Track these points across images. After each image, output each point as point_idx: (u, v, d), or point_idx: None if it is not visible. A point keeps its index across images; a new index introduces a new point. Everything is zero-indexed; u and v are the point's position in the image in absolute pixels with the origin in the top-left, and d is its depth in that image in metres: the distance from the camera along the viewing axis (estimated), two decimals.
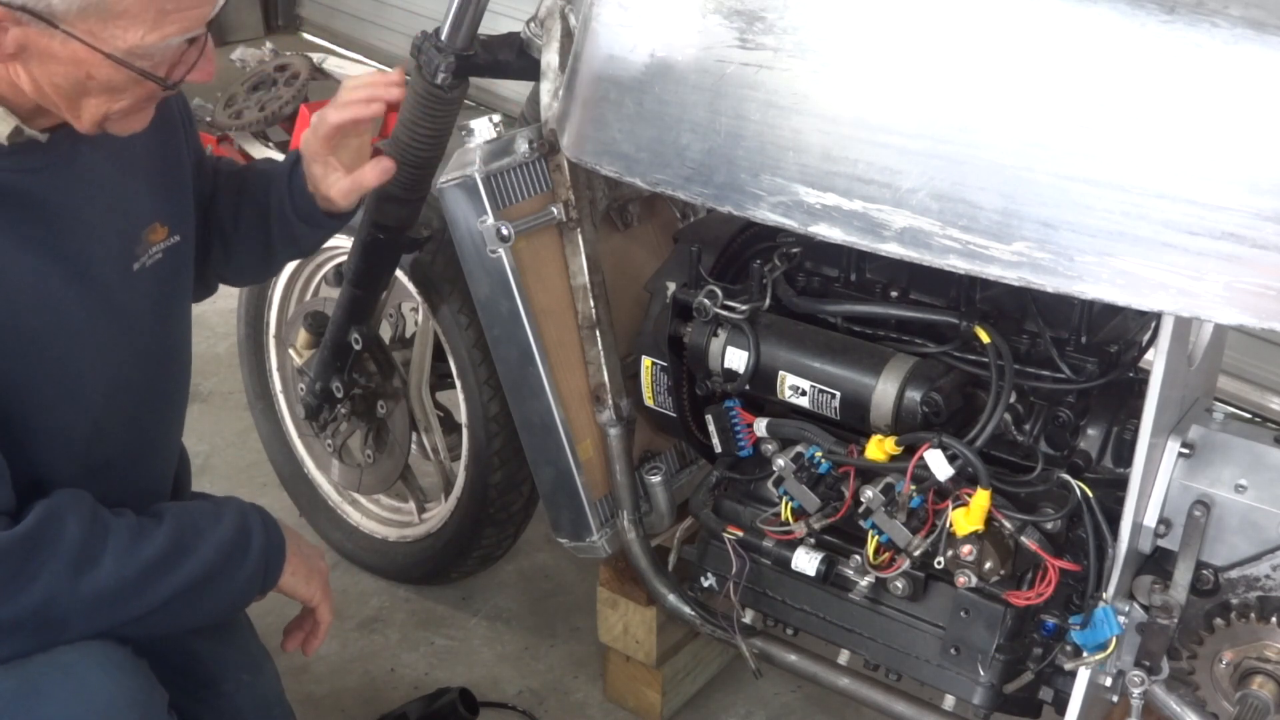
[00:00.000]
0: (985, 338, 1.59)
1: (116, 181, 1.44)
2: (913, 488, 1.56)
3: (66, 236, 1.37)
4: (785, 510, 1.70)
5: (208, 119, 3.85)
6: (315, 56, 3.90)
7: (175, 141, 1.56)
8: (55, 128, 1.36)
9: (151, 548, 1.35)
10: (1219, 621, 1.50)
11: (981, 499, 1.51)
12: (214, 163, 1.73)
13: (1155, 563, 1.56)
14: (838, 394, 1.66)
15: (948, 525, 1.54)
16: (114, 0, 1.23)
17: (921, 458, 1.55)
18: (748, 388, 1.75)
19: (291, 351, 2.41)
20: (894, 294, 1.73)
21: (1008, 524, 1.53)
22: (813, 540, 1.70)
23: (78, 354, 1.39)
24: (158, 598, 1.35)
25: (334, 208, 1.64)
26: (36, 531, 1.28)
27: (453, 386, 2.17)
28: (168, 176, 1.53)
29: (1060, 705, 1.61)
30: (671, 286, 1.82)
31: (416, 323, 2.29)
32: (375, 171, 1.61)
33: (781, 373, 1.71)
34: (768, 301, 1.75)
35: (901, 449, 1.60)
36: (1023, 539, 1.53)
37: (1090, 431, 1.60)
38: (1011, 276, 1.35)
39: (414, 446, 2.32)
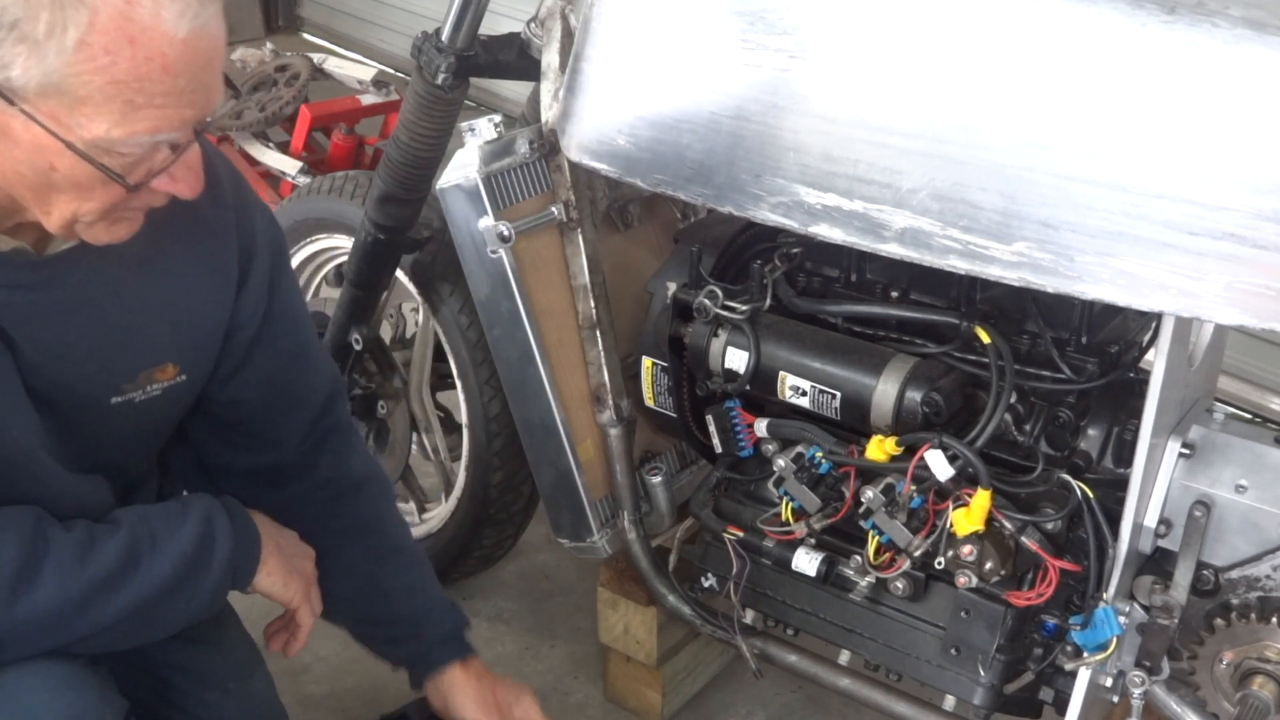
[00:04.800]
0: (986, 338, 1.59)
1: (129, 319, 1.34)
2: (913, 488, 1.56)
3: (36, 362, 1.28)
4: (786, 510, 1.70)
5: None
6: (316, 57, 3.90)
7: (223, 286, 1.42)
8: (53, 249, 1.27)
9: (98, 565, 1.27)
10: (1219, 622, 1.50)
11: (982, 499, 1.51)
12: (312, 383, 1.57)
13: (1156, 563, 1.56)
14: (838, 394, 1.66)
15: (948, 525, 1.54)
16: (79, 83, 1.09)
17: (922, 458, 1.55)
18: (748, 388, 1.75)
19: None
20: (894, 294, 1.73)
21: (1008, 524, 1.53)
22: (813, 540, 1.70)
23: (26, 475, 1.30)
24: (106, 616, 1.28)
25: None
26: None
27: (453, 387, 2.17)
28: (200, 320, 1.42)
29: (1060, 705, 1.61)
30: (672, 287, 1.82)
31: (417, 323, 2.30)
32: None
33: (782, 373, 1.71)
34: (768, 302, 1.75)
35: (902, 449, 1.60)
36: (1023, 539, 1.53)
37: (1091, 432, 1.60)
38: (1012, 277, 1.35)
39: (414, 447, 2.32)
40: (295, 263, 2.38)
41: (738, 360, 1.74)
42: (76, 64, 1.08)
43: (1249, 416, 2.99)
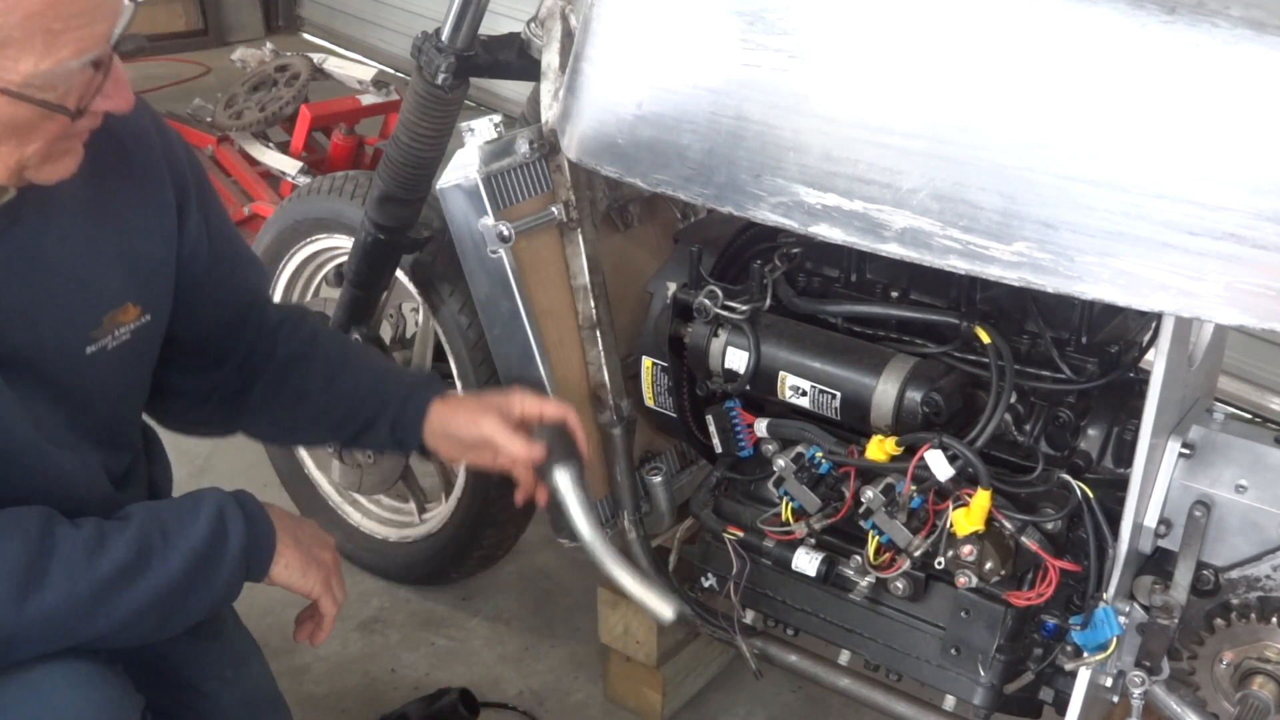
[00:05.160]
0: (986, 338, 1.59)
1: (75, 263, 1.33)
2: (913, 488, 1.56)
3: (5, 326, 1.27)
4: (786, 511, 1.70)
5: (208, 119, 3.86)
6: (315, 57, 3.90)
7: (163, 214, 1.44)
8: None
9: (108, 563, 1.26)
10: (1219, 622, 1.50)
11: (982, 499, 1.51)
12: (255, 277, 1.64)
13: (1156, 563, 1.56)
14: (838, 394, 1.66)
15: (948, 525, 1.54)
16: None
17: (922, 458, 1.55)
18: (748, 388, 1.75)
19: None
20: (894, 294, 1.73)
21: (1008, 524, 1.53)
22: (813, 540, 1.70)
23: (14, 444, 1.30)
24: (118, 614, 1.28)
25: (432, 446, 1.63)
26: None
27: (453, 387, 2.17)
28: (148, 253, 1.41)
29: (1060, 706, 1.61)
30: (672, 287, 1.82)
31: (417, 323, 2.30)
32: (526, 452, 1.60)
33: (782, 373, 1.71)
34: (768, 302, 1.75)
35: (902, 449, 1.60)
36: (1023, 539, 1.53)
37: (1091, 432, 1.60)
38: (1012, 277, 1.35)
39: None
40: (295, 263, 2.39)
41: (738, 360, 1.74)
42: None
43: (1249, 416, 2.99)
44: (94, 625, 1.27)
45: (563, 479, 1.59)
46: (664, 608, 1.64)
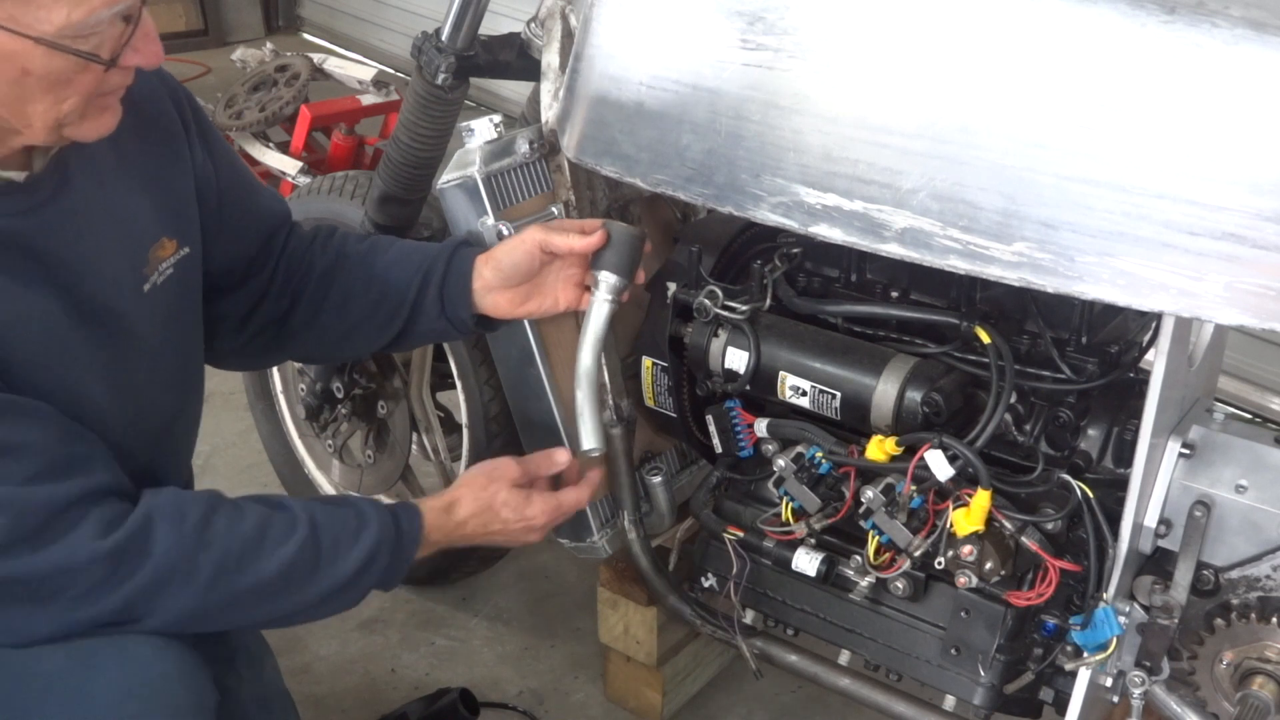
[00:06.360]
0: (986, 338, 1.59)
1: (117, 205, 1.40)
2: (913, 488, 1.56)
3: (66, 274, 1.32)
4: (786, 511, 1.70)
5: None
6: (316, 57, 3.90)
7: (177, 149, 1.50)
8: (40, 167, 1.31)
9: (277, 562, 1.35)
10: (1219, 622, 1.50)
11: (982, 499, 1.51)
12: (270, 202, 1.67)
13: (1156, 563, 1.56)
14: (838, 394, 1.66)
15: (948, 526, 1.54)
16: None
17: (922, 458, 1.55)
18: (748, 388, 1.75)
19: None
20: (894, 294, 1.73)
21: (1008, 524, 1.53)
22: (813, 540, 1.70)
23: (95, 388, 1.36)
24: (256, 616, 1.40)
25: (485, 310, 1.65)
26: (125, 545, 1.28)
27: (453, 387, 2.17)
28: (172, 187, 1.48)
29: (1060, 706, 1.61)
30: (672, 287, 1.82)
31: None
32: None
33: (782, 373, 1.71)
34: (768, 302, 1.75)
35: (902, 449, 1.60)
36: (1023, 539, 1.53)
37: (1091, 432, 1.60)
38: (1012, 277, 1.35)
39: (414, 447, 2.32)
40: None
41: (738, 360, 1.74)
42: None
43: (1249, 416, 2.99)
44: (221, 622, 1.39)
45: (605, 280, 1.63)
46: (590, 438, 1.69)
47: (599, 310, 1.65)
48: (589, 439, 1.69)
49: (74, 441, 1.29)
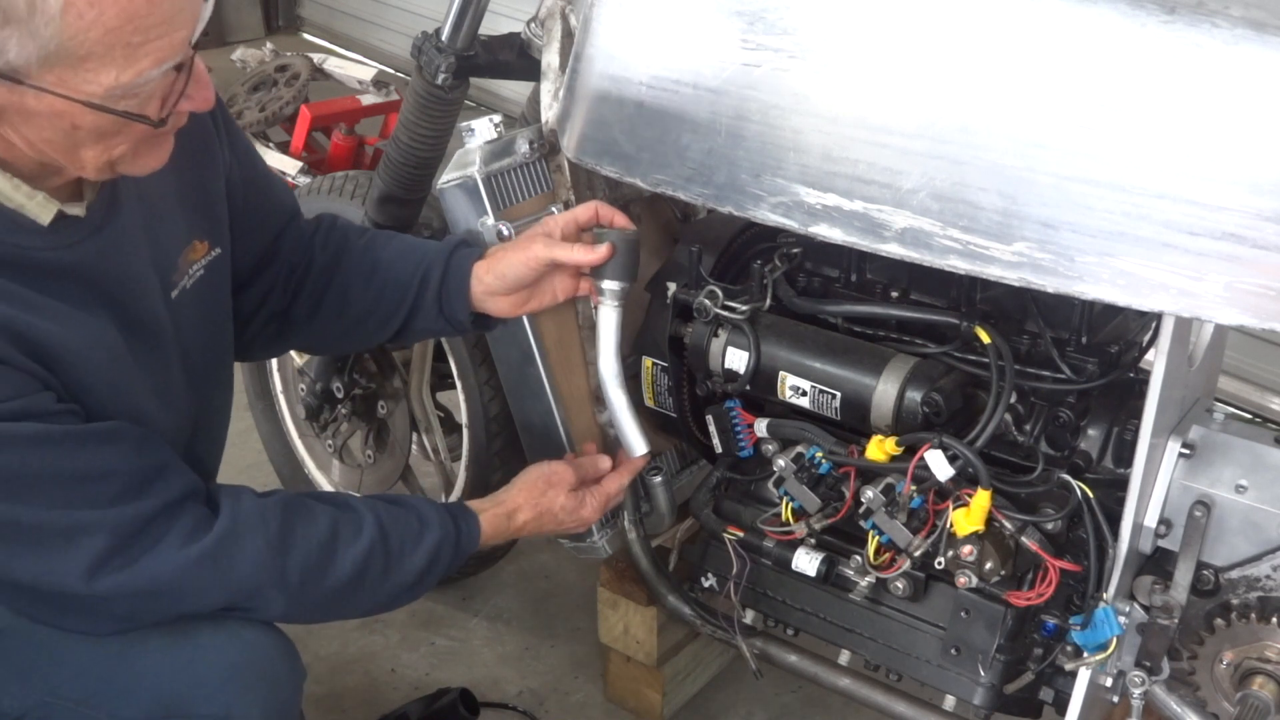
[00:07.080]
0: (986, 338, 1.59)
1: (154, 216, 1.40)
2: (913, 488, 1.56)
3: (120, 292, 1.34)
4: (786, 511, 1.70)
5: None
6: (316, 57, 3.90)
7: (210, 148, 1.49)
8: (92, 197, 1.33)
9: (336, 575, 1.41)
10: (1219, 622, 1.50)
11: (982, 499, 1.51)
12: (282, 194, 1.68)
13: (1156, 563, 1.56)
14: (838, 394, 1.66)
15: (948, 526, 1.54)
16: (75, 44, 1.12)
17: (922, 458, 1.55)
18: (748, 388, 1.75)
19: (292, 352, 2.41)
20: (894, 294, 1.73)
21: (1008, 524, 1.53)
22: (813, 540, 1.70)
23: (146, 398, 1.38)
24: (334, 615, 1.53)
25: (484, 309, 1.66)
26: (215, 551, 1.33)
27: (453, 387, 2.17)
28: (206, 189, 1.48)
29: (1060, 706, 1.61)
30: (672, 287, 1.82)
31: None
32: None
33: (782, 373, 1.71)
34: (768, 302, 1.75)
35: (902, 449, 1.60)
36: (1023, 539, 1.53)
37: (1091, 432, 1.60)
38: (1012, 277, 1.35)
39: (414, 447, 2.32)
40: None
41: (738, 360, 1.74)
42: (67, 28, 1.11)
43: (1249, 416, 2.99)
44: (324, 616, 1.52)
45: (610, 289, 1.65)
46: (640, 443, 1.74)
47: (609, 317, 1.67)
48: (639, 445, 1.75)
49: (148, 453, 1.33)
